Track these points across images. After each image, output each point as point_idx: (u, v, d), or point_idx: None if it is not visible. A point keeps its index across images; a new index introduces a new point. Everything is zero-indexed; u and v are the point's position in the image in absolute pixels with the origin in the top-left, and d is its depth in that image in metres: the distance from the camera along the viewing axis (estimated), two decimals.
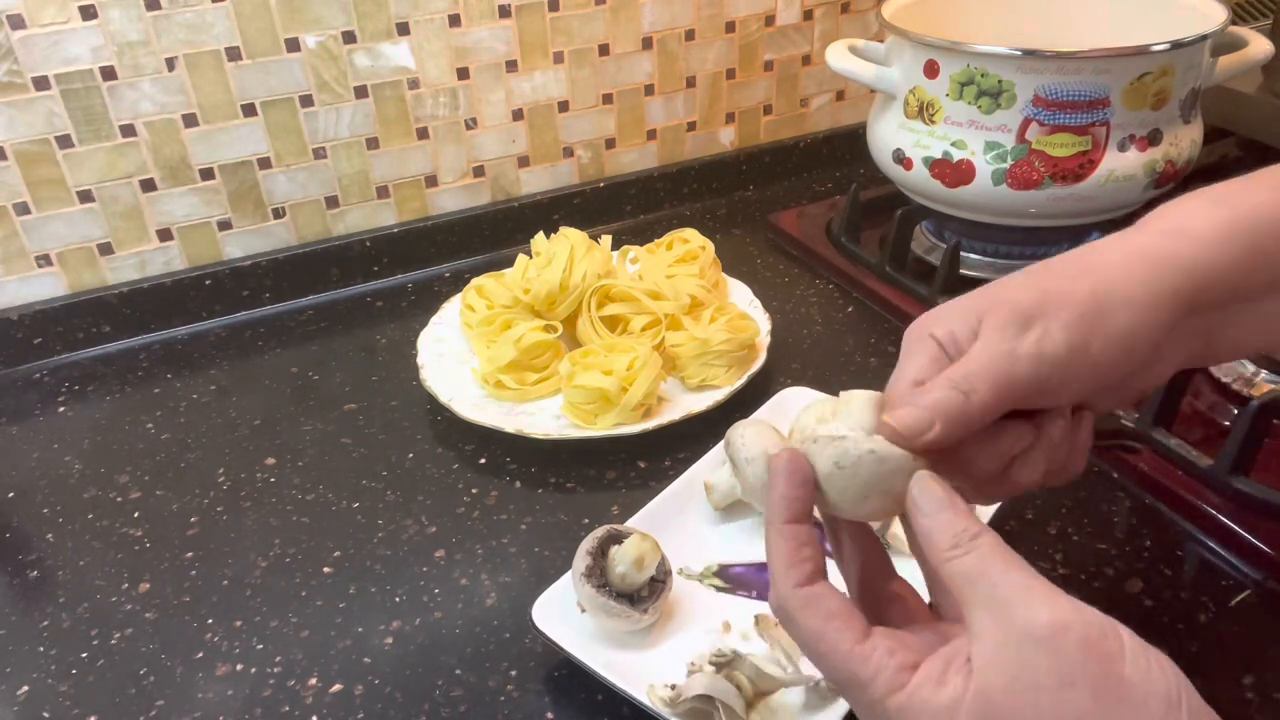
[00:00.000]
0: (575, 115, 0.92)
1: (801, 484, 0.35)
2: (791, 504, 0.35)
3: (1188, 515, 0.56)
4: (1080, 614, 0.29)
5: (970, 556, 0.32)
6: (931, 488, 0.34)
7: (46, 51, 0.72)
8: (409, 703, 0.48)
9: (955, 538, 0.32)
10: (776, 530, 0.35)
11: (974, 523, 0.33)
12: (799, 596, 0.34)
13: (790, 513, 0.35)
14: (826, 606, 0.34)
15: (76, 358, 0.80)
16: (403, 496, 0.62)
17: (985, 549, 0.32)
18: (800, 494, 0.35)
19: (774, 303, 0.79)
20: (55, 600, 0.56)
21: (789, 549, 0.35)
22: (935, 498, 0.34)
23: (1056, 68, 0.68)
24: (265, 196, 0.84)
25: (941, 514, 0.33)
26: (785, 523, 0.35)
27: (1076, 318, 0.36)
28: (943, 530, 0.33)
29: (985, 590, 0.31)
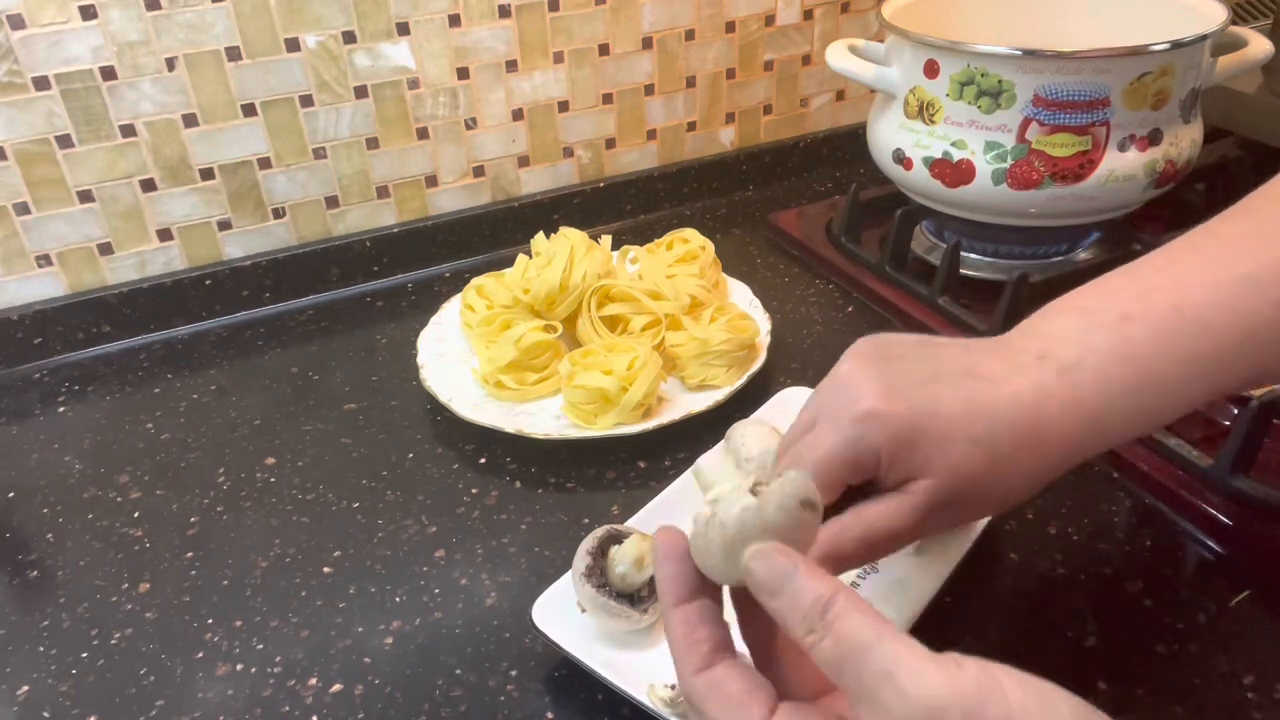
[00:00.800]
0: (575, 115, 0.92)
1: (678, 559, 0.34)
2: (676, 582, 0.34)
3: (1188, 515, 0.56)
4: (953, 684, 0.27)
5: (826, 642, 0.30)
6: (770, 560, 0.32)
7: (46, 51, 0.72)
8: (409, 703, 0.48)
9: (807, 620, 0.30)
10: (668, 615, 0.34)
11: (819, 584, 0.30)
12: (698, 684, 0.33)
13: (676, 593, 0.34)
14: (725, 692, 0.32)
15: (76, 358, 0.80)
16: (403, 496, 0.62)
17: (839, 628, 0.29)
18: (681, 569, 0.34)
19: (774, 303, 0.79)
20: (55, 600, 0.56)
21: (681, 634, 0.34)
22: (777, 572, 0.31)
23: (1056, 68, 0.68)
24: (265, 196, 0.84)
25: (782, 594, 0.31)
26: (674, 605, 0.34)
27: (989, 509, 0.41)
28: (792, 612, 0.31)
29: (853, 684, 0.29)
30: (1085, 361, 0.40)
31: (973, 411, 0.39)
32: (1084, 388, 0.40)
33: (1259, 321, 0.39)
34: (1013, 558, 0.54)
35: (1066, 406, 0.39)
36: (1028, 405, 0.39)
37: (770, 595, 0.31)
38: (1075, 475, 0.59)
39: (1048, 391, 0.39)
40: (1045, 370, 0.40)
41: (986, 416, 0.39)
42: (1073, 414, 0.39)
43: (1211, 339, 0.40)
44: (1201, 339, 0.40)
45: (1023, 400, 0.39)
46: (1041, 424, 0.39)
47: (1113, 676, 0.47)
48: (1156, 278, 0.42)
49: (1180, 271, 0.41)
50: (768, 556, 0.32)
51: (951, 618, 0.50)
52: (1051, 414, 0.39)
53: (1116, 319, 0.40)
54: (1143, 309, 0.40)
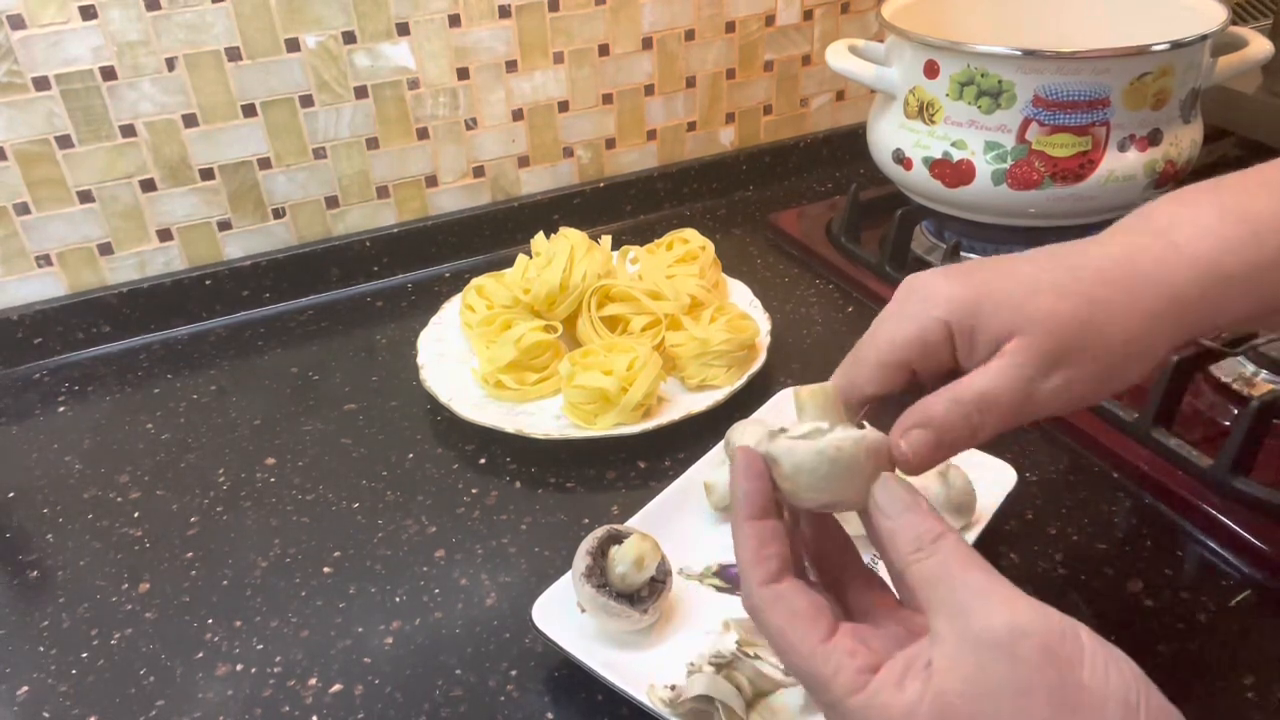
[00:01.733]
0: (575, 115, 0.92)
1: (758, 477, 0.35)
2: (752, 499, 0.35)
3: (1188, 515, 0.56)
4: (1040, 619, 0.29)
5: (931, 560, 0.32)
6: (895, 489, 0.34)
7: (46, 51, 0.72)
8: (409, 703, 0.48)
9: (917, 540, 0.32)
10: (740, 527, 0.35)
11: (936, 523, 0.33)
12: (764, 594, 0.34)
13: (751, 508, 0.35)
14: (790, 605, 0.33)
15: (76, 358, 0.80)
16: (403, 496, 0.62)
17: (946, 552, 0.32)
18: (760, 487, 0.35)
19: (774, 303, 0.79)
20: (55, 600, 0.56)
21: (753, 546, 0.35)
22: (898, 499, 0.33)
23: (1056, 68, 0.68)
24: (265, 196, 0.84)
25: (904, 516, 0.33)
26: (747, 519, 0.35)
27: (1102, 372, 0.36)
28: (904, 532, 0.33)
29: (945, 594, 0.31)
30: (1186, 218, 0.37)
31: (1054, 265, 0.37)
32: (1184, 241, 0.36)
33: None
34: (1013, 558, 0.54)
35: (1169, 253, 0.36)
36: (1120, 257, 0.37)
37: (892, 514, 0.33)
38: (1075, 475, 0.60)
39: (1142, 247, 0.37)
40: (1139, 234, 0.37)
41: (1069, 266, 0.37)
42: (1179, 259, 0.36)
43: None
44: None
45: (1114, 254, 0.37)
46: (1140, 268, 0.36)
47: None
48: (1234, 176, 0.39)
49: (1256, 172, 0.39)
50: (892, 487, 0.34)
51: None
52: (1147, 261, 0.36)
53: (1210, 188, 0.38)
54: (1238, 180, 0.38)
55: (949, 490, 0.52)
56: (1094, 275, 0.36)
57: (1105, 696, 0.28)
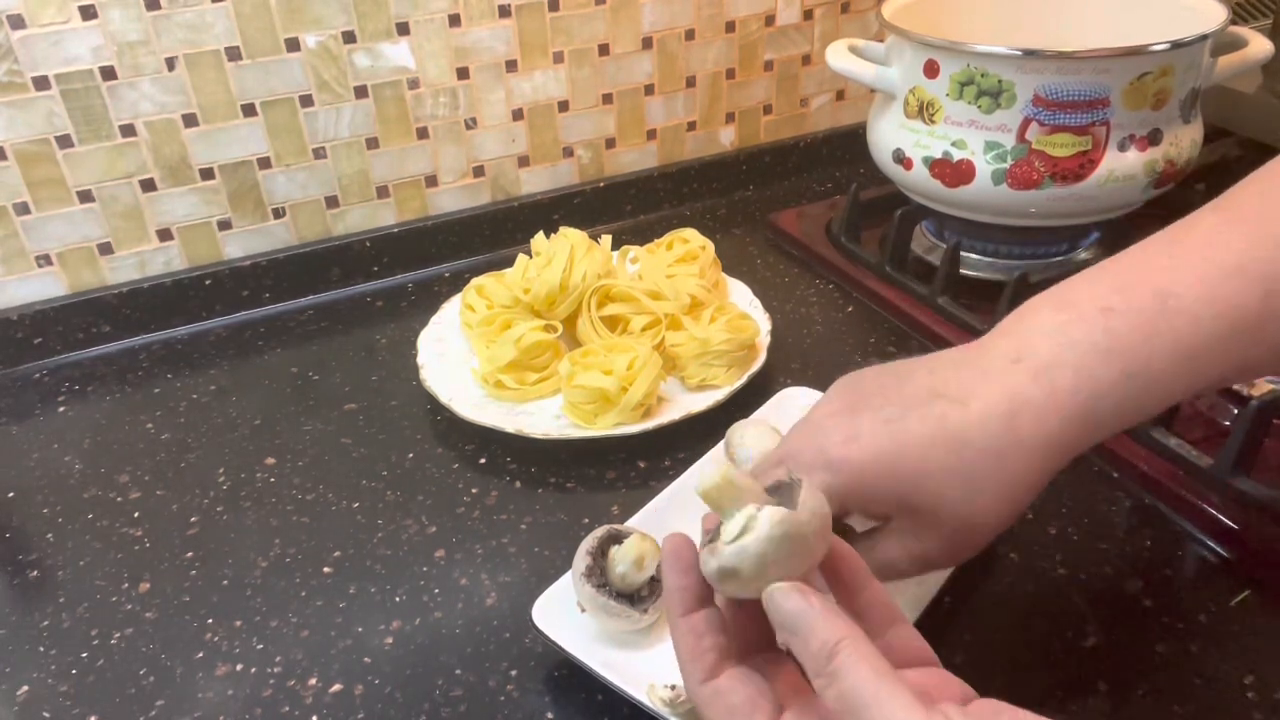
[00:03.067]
0: (575, 115, 0.92)
1: (687, 571, 0.35)
2: (683, 594, 0.35)
3: (1188, 515, 0.56)
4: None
5: (831, 690, 0.31)
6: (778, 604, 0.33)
7: (46, 51, 0.72)
8: (409, 703, 0.48)
9: (815, 665, 0.31)
10: (674, 625, 0.35)
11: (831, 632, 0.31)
12: (703, 694, 0.34)
13: (683, 604, 0.35)
14: (727, 702, 0.33)
15: (76, 358, 0.80)
16: (403, 496, 0.62)
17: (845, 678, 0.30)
18: (689, 582, 0.35)
19: (774, 303, 0.79)
20: (55, 600, 0.56)
21: (688, 645, 0.35)
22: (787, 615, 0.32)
23: (1056, 68, 0.68)
24: (265, 196, 0.84)
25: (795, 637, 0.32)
26: (681, 615, 0.35)
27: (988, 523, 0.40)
28: (804, 655, 0.32)
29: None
30: (1063, 358, 0.38)
31: (940, 441, 0.38)
32: (1063, 387, 0.38)
33: (1245, 313, 0.38)
34: (1013, 558, 0.54)
35: (1044, 410, 0.38)
36: (999, 418, 0.38)
37: (788, 633, 0.33)
38: (1075, 475, 0.60)
39: (1022, 398, 0.38)
40: (1018, 374, 0.39)
41: (957, 442, 0.38)
42: (1052, 415, 0.38)
43: (1198, 330, 0.38)
44: (1187, 330, 0.38)
45: (993, 414, 0.38)
46: (1019, 433, 0.38)
47: (1113, 677, 0.47)
48: (1138, 270, 0.40)
49: (1163, 263, 0.40)
50: (784, 596, 0.33)
51: (951, 618, 0.50)
52: (1026, 422, 0.38)
53: (1096, 312, 0.39)
54: (1125, 301, 0.39)
55: None
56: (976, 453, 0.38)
57: None
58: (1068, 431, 0.39)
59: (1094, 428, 0.39)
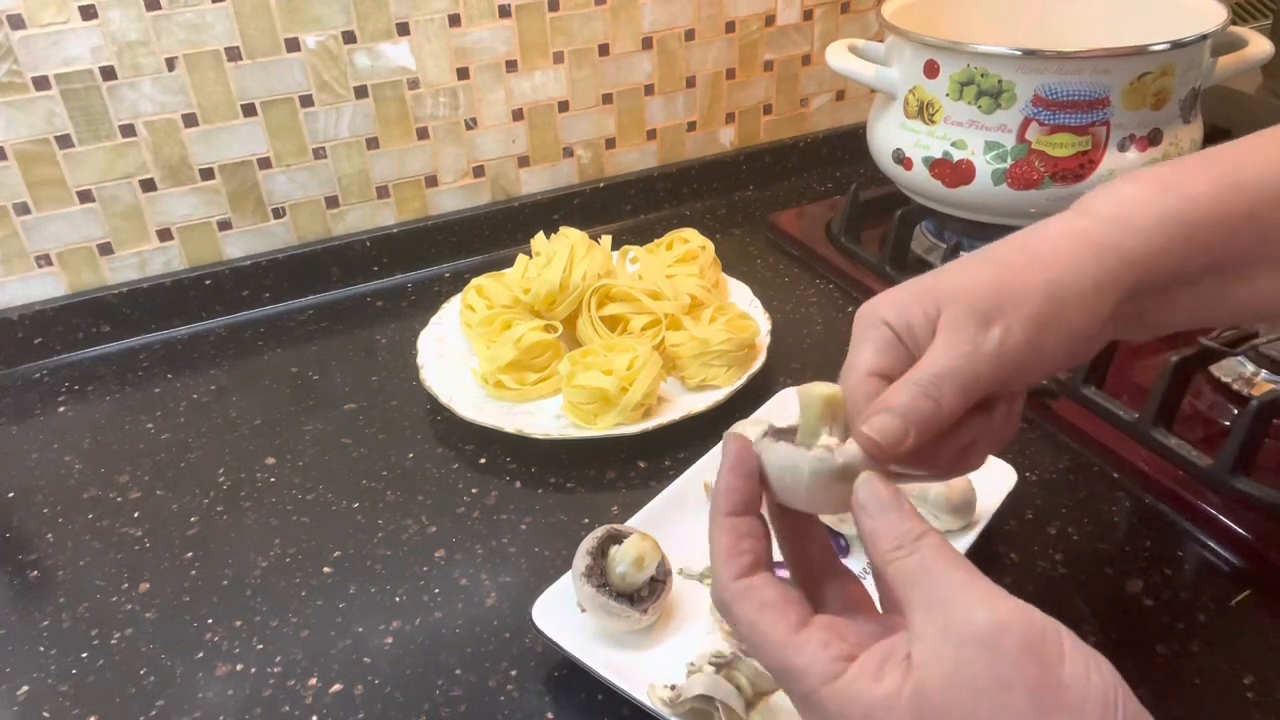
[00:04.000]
0: (575, 115, 0.92)
1: (746, 476, 0.35)
2: (735, 496, 0.35)
3: (1188, 515, 0.56)
4: (1021, 616, 0.29)
5: (913, 558, 0.31)
6: (877, 489, 0.34)
7: (46, 51, 0.72)
8: (409, 703, 0.48)
9: (899, 538, 0.32)
10: (717, 522, 0.35)
11: (919, 523, 0.32)
12: (736, 588, 0.34)
13: (732, 504, 0.35)
14: (762, 597, 0.33)
15: (76, 358, 0.80)
16: (403, 496, 0.62)
17: (928, 550, 0.31)
18: (745, 486, 0.35)
19: (774, 303, 0.79)
20: (55, 600, 0.56)
21: (728, 541, 0.35)
22: (880, 499, 0.33)
23: (1056, 68, 0.68)
24: (265, 196, 0.84)
25: (886, 515, 0.33)
26: (726, 514, 0.35)
27: (1034, 315, 0.36)
28: (886, 531, 0.32)
29: (926, 590, 0.31)
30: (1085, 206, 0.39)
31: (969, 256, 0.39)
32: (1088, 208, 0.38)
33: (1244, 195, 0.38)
34: (1013, 558, 0.54)
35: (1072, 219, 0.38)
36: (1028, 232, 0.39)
37: (874, 513, 0.33)
38: (1075, 475, 0.60)
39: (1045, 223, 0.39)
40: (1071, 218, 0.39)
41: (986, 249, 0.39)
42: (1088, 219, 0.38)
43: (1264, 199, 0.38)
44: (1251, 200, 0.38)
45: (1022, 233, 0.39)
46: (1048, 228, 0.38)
47: None
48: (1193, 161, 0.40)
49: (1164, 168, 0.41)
50: (874, 486, 0.34)
51: None
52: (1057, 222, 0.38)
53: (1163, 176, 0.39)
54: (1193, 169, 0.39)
55: (949, 490, 0.52)
56: (1005, 245, 0.39)
57: (1085, 695, 0.28)
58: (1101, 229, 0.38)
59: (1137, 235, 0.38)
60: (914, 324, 0.37)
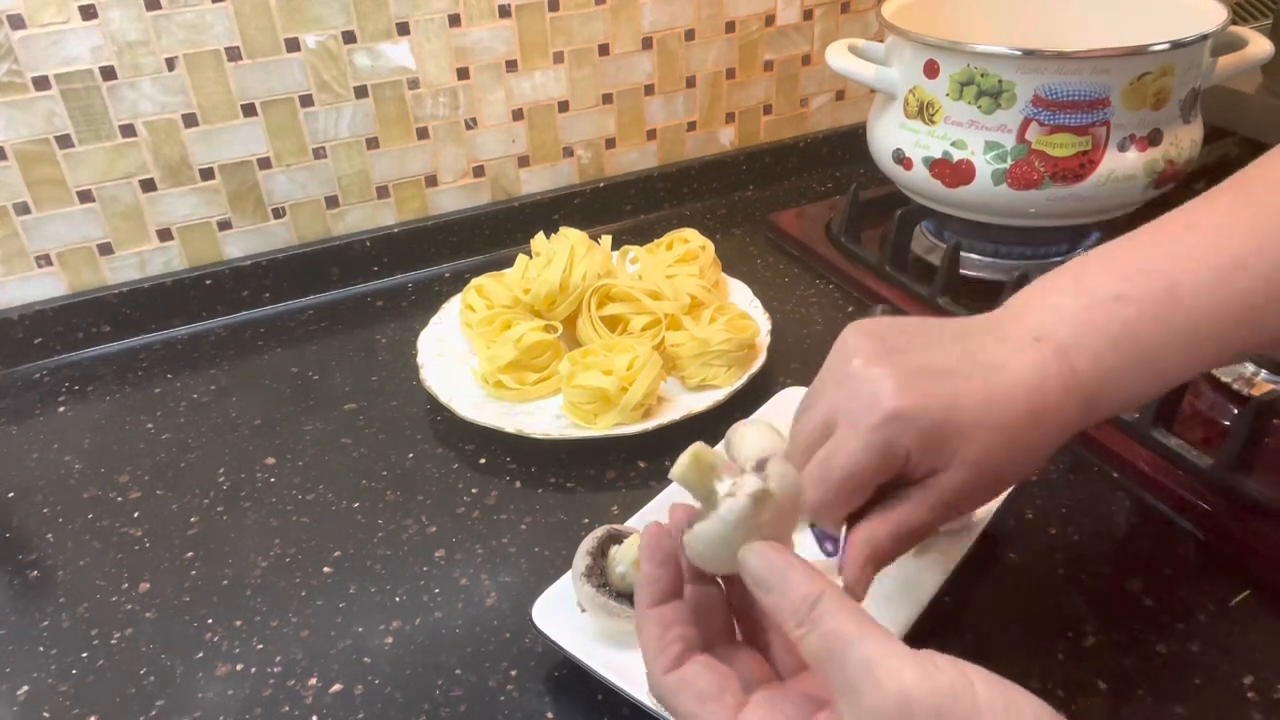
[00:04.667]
0: (575, 115, 0.92)
1: (663, 563, 0.36)
2: (654, 586, 0.36)
3: (1187, 515, 0.56)
4: (927, 682, 0.29)
5: (813, 635, 0.31)
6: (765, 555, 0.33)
7: (46, 51, 0.72)
8: (409, 703, 0.48)
9: (796, 614, 0.32)
10: (642, 615, 0.36)
11: (811, 585, 0.32)
12: (668, 682, 0.34)
13: (652, 595, 0.36)
14: (696, 688, 0.34)
15: (76, 358, 0.80)
16: (403, 496, 0.62)
17: (826, 623, 0.31)
18: (663, 574, 0.36)
19: (774, 303, 0.79)
20: (55, 600, 0.56)
21: (655, 633, 0.35)
22: (767, 569, 0.33)
23: (1056, 68, 0.68)
24: (265, 196, 0.84)
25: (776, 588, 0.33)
26: (648, 606, 0.36)
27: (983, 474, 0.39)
28: (785, 607, 0.32)
29: (835, 673, 0.30)
30: (1081, 343, 0.40)
31: (991, 401, 0.39)
32: (1081, 369, 0.39)
33: (1253, 300, 0.39)
34: (1013, 558, 0.54)
35: (1066, 388, 0.39)
36: (1033, 389, 0.39)
37: (764, 590, 0.33)
38: (1075, 475, 0.60)
39: (1048, 374, 0.39)
40: (1044, 353, 0.40)
41: (1003, 403, 0.39)
42: (1072, 396, 0.39)
43: (1205, 319, 0.40)
44: (1195, 320, 0.40)
45: (1029, 385, 0.39)
46: (1046, 404, 0.39)
47: (1113, 676, 0.47)
48: (1149, 257, 0.41)
49: (1174, 250, 0.41)
50: (762, 553, 0.33)
51: (952, 618, 0.50)
52: (1051, 396, 0.39)
53: (1110, 299, 0.40)
54: (1136, 291, 0.40)
55: None
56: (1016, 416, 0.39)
57: None
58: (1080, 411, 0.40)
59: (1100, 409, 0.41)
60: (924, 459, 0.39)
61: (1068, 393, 0.39)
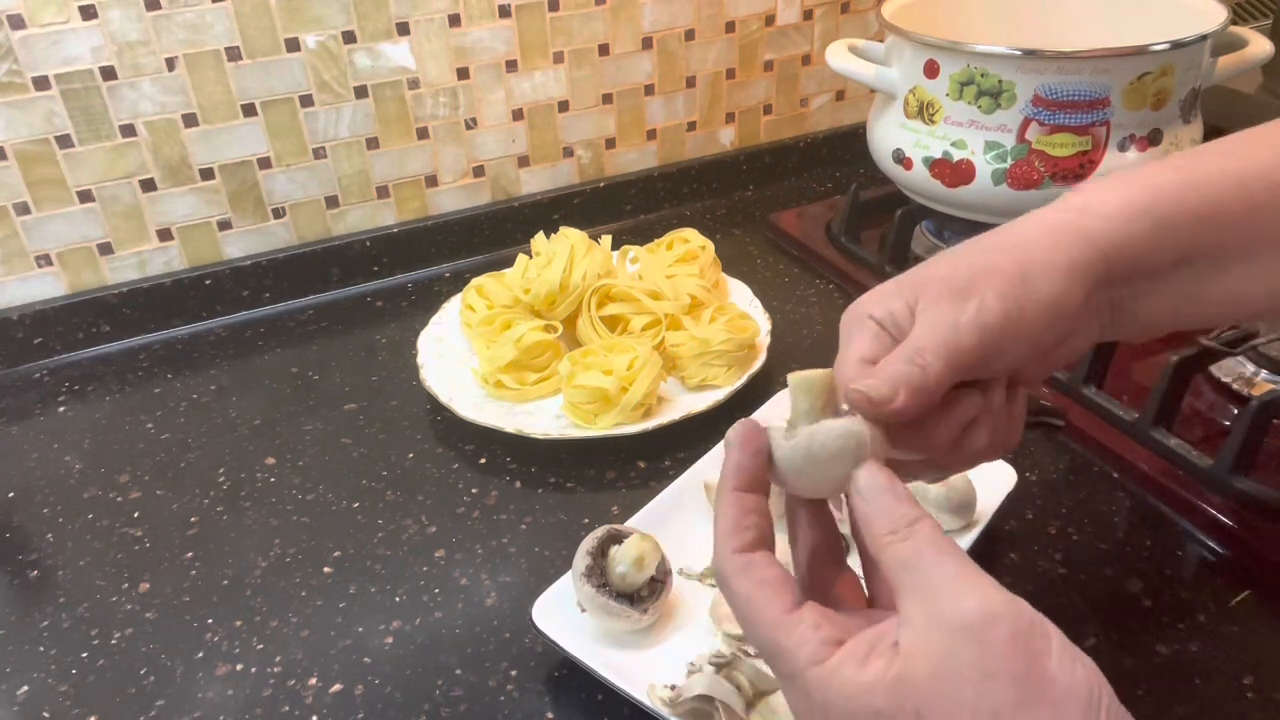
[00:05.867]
0: (575, 115, 0.92)
1: (754, 455, 0.35)
2: (742, 472, 0.35)
3: (1188, 515, 0.56)
4: (1012, 607, 0.29)
5: (906, 544, 0.31)
6: (874, 473, 0.34)
7: (46, 51, 0.72)
8: (409, 703, 0.48)
9: (893, 523, 0.32)
10: (724, 496, 0.35)
11: (914, 509, 0.32)
12: (735, 561, 0.34)
13: (739, 480, 0.35)
14: (760, 574, 0.33)
15: (76, 358, 0.80)
16: (403, 496, 0.62)
17: (921, 537, 0.31)
18: (753, 464, 0.35)
19: (774, 303, 0.79)
20: (55, 600, 0.56)
21: (733, 514, 0.35)
22: (876, 483, 0.33)
23: (1056, 68, 0.68)
24: (265, 196, 0.84)
25: (881, 499, 0.33)
26: (733, 489, 0.35)
27: (1006, 287, 0.37)
28: (881, 515, 0.33)
29: (917, 577, 0.31)
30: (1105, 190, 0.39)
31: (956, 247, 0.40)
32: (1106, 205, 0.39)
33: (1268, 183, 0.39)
34: (1013, 558, 0.54)
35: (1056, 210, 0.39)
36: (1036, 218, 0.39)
37: (870, 500, 0.33)
38: (1075, 475, 0.60)
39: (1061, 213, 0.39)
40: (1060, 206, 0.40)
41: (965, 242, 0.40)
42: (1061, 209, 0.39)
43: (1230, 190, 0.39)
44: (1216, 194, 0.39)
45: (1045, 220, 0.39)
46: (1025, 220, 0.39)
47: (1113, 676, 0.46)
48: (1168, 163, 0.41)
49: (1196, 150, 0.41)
50: (878, 469, 0.34)
51: None
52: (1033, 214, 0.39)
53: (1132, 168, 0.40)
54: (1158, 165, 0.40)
55: (949, 490, 0.52)
56: (980, 238, 0.39)
57: (1070, 690, 0.28)
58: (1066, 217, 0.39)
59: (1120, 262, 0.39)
60: (898, 314, 0.38)
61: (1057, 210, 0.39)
